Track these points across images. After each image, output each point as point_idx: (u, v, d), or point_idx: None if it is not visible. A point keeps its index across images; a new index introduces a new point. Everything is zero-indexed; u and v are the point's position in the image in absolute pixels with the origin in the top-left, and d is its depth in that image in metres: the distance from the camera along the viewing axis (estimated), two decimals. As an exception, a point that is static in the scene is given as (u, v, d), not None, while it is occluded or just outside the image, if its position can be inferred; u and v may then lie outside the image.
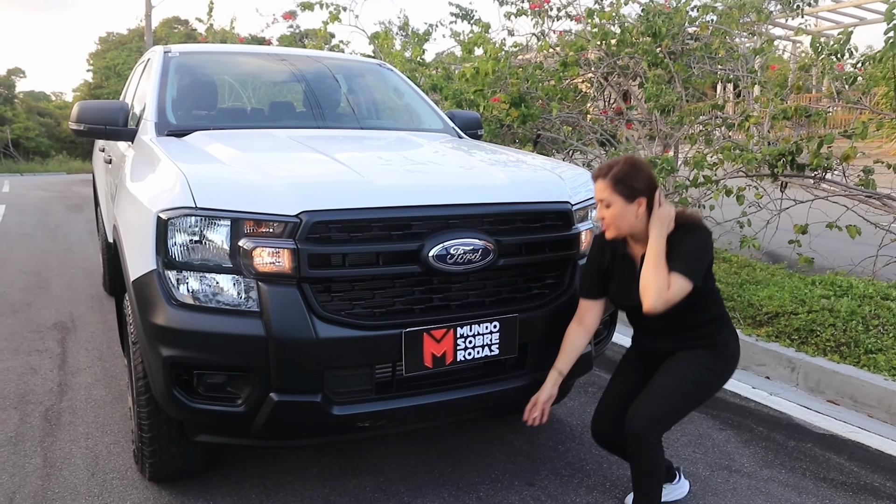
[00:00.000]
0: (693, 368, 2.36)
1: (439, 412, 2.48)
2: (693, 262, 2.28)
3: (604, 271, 2.51)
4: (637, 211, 2.34)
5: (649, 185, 2.36)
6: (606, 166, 2.39)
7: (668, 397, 2.32)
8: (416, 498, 2.68)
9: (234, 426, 2.33)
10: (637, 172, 2.35)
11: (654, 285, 2.26)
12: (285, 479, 2.81)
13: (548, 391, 2.52)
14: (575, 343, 2.53)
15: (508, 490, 2.75)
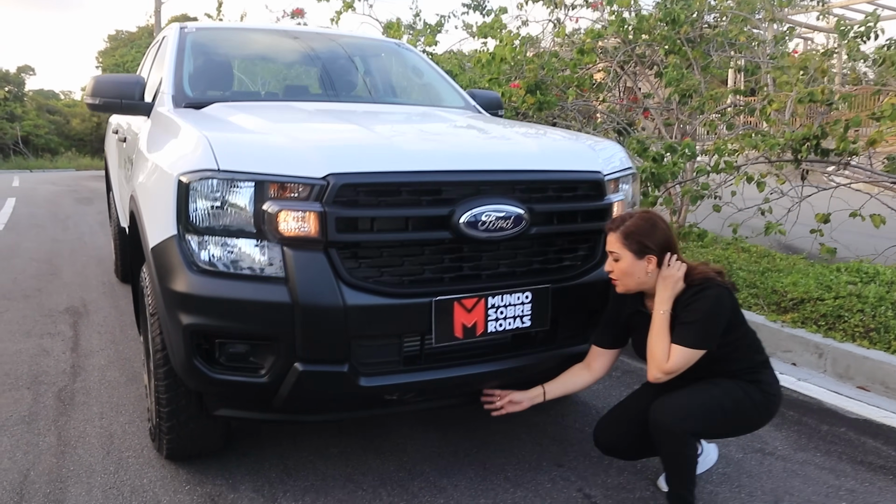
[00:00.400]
0: (729, 383, 2.23)
1: (468, 386, 2.40)
2: (700, 328, 2.15)
3: (619, 323, 2.42)
4: (647, 268, 2.24)
5: (663, 244, 2.25)
6: (619, 219, 2.29)
7: (697, 394, 2.19)
8: (441, 478, 2.60)
9: (256, 398, 2.25)
10: (651, 228, 2.25)
11: (654, 356, 2.18)
12: (306, 458, 2.73)
13: (523, 397, 2.46)
14: (575, 380, 2.48)
15: (537, 471, 2.66)
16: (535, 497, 2.48)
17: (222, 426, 2.56)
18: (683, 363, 2.13)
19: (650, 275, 2.24)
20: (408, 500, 2.44)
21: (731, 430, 2.28)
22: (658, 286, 2.22)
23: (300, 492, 2.48)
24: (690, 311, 2.15)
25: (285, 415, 2.33)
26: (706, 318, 2.15)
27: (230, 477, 2.57)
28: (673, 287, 2.20)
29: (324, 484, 2.54)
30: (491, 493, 2.50)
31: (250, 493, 2.47)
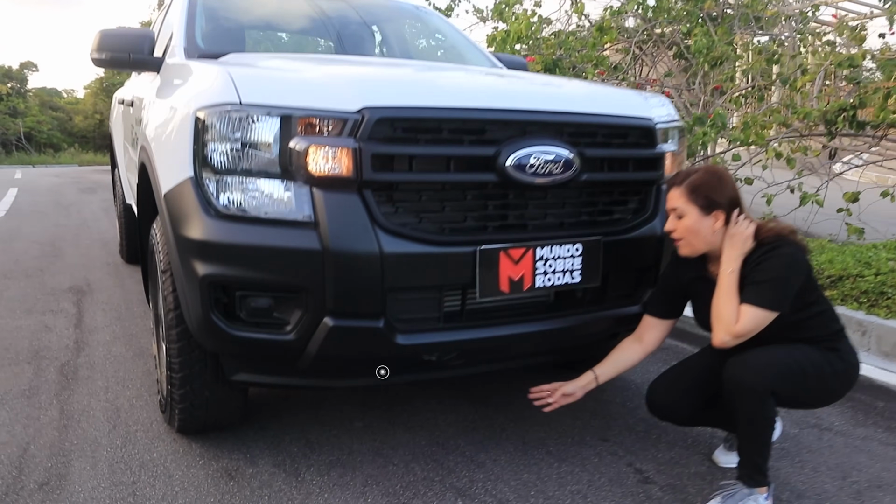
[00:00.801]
0: (807, 348, 1.99)
1: (513, 348, 2.18)
2: (772, 288, 1.92)
3: (679, 290, 2.20)
4: (713, 226, 2.02)
5: (731, 200, 2.03)
6: (683, 173, 2.07)
7: (778, 352, 1.97)
8: (478, 452, 2.38)
9: (280, 360, 2.04)
10: (718, 183, 2.03)
11: (721, 318, 1.95)
12: (329, 432, 2.52)
13: (574, 387, 2.24)
14: (626, 356, 2.26)
15: (581, 445, 2.45)
16: (583, 472, 2.27)
17: (239, 396, 2.35)
18: (754, 325, 1.91)
19: (717, 233, 2.02)
20: (444, 476, 2.23)
21: (810, 397, 2.06)
22: (725, 245, 2.01)
23: (325, 466, 2.27)
24: (762, 271, 1.93)
25: (311, 380, 2.12)
26: (780, 277, 1.93)
27: (248, 451, 2.36)
28: (742, 245, 1.98)
29: (350, 458, 2.33)
30: (534, 467, 2.29)
31: (270, 467, 2.26)
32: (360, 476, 2.21)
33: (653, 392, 2.28)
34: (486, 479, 2.20)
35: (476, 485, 2.17)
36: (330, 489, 2.14)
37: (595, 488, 2.17)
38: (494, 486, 2.17)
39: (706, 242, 2.04)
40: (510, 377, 3.08)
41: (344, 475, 2.22)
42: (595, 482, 2.20)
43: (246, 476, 2.21)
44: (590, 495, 2.13)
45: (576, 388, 2.23)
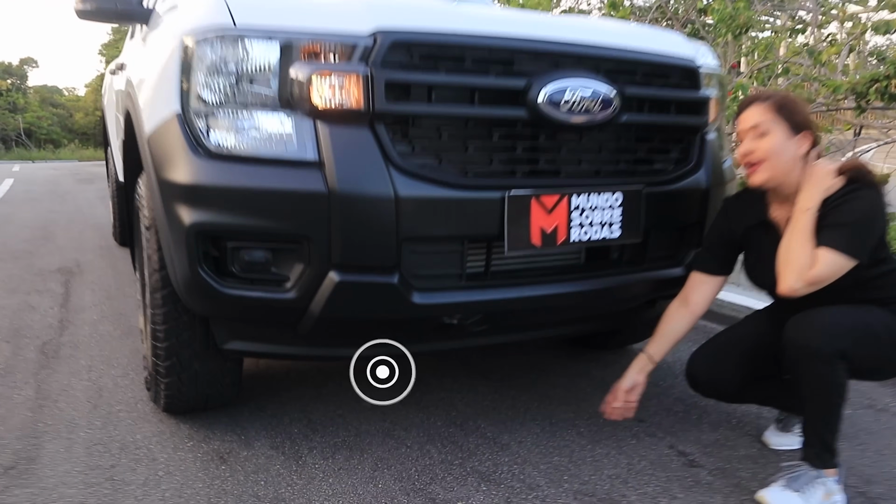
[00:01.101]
0: (879, 310, 1.74)
1: (543, 312, 1.93)
2: (853, 232, 1.67)
3: (731, 242, 1.94)
4: (797, 151, 1.75)
5: (814, 127, 1.79)
6: (764, 93, 1.82)
7: (846, 312, 1.72)
8: (501, 433, 2.13)
9: (279, 323, 1.78)
10: (803, 107, 1.78)
11: (793, 261, 1.68)
12: (334, 412, 2.26)
13: (631, 378, 2.01)
14: (675, 325, 2.00)
15: (614, 426, 2.19)
16: (620, 455, 2.01)
17: (233, 369, 2.09)
18: (830, 272, 1.65)
19: (797, 163, 1.76)
20: (464, 459, 1.97)
21: (883, 365, 1.80)
22: (805, 180, 1.75)
23: (329, 448, 2.02)
24: (843, 213, 1.67)
25: (314, 348, 1.87)
26: (862, 221, 1.67)
27: (242, 432, 2.10)
28: (822, 182, 1.72)
29: (358, 440, 2.07)
30: (565, 449, 2.03)
31: (267, 449, 2.00)
32: (368, 459, 1.96)
33: (695, 365, 2.02)
34: (512, 463, 1.95)
35: (501, 468, 1.92)
36: (335, 473, 1.88)
37: (636, 472, 1.91)
38: (522, 469, 1.91)
39: (785, 170, 1.76)
40: (531, 355, 2.83)
41: (351, 458, 1.96)
42: (635, 466, 1.95)
43: (240, 459, 1.95)
44: (630, 480, 1.88)
45: (633, 379, 2.00)
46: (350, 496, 1.77)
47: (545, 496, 1.78)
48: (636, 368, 1.99)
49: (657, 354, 1.99)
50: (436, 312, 1.71)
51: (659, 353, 2.00)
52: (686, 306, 1.99)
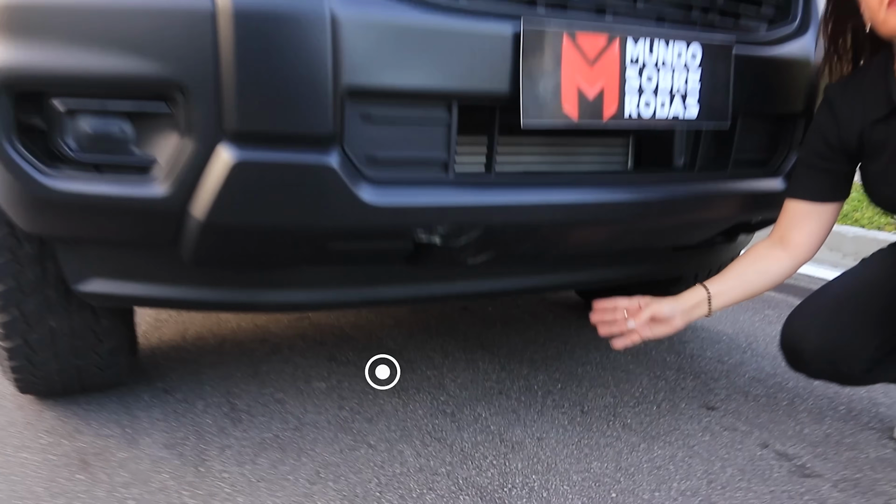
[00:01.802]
0: None
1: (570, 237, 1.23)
2: None
3: (847, 147, 1.26)
4: None
5: None
6: None
7: None
8: (511, 426, 1.45)
9: (148, 244, 1.09)
10: None
11: None
12: (270, 396, 1.58)
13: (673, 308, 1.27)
14: (760, 267, 1.31)
15: (675, 415, 1.50)
16: (692, 458, 1.33)
17: (115, 331, 1.41)
18: None
19: None
20: (454, 464, 1.29)
21: None
22: None
23: (251, 449, 1.34)
24: None
25: (212, 289, 1.18)
26: None
27: (130, 424, 1.43)
28: None
29: (296, 436, 1.39)
30: (608, 451, 1.35)
31: (158, 449, 1.33)
32: (307, 465, 1.27)
33: (799, 333, 1.32)
34: (528, 471, 1.26)
35: (511, 479, 1.23)
36: (249, 487, 1.19)
37: (721, 485, 1.23)
38: (544, 481, 1.23)
39: None
40: (548, 323, 2.15)
41: (280, 463, 1.28)
42: (718, 475, 1.26)
43: (110, 464, 1.27)
44: (715, 497, 1.18)
45: (675, 309, 1.28)
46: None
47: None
48: (686, 302, 1.28)
49: (720, 299, 1.29)
50: (402, 220, 1.02)
51: (724, 298, 1.30)
52: (782, 247, 1.31)
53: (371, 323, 2.11)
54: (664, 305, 1.26)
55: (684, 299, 1.29)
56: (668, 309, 1.26)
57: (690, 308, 1.29)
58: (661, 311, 1.26)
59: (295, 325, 2.08)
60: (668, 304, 1.27)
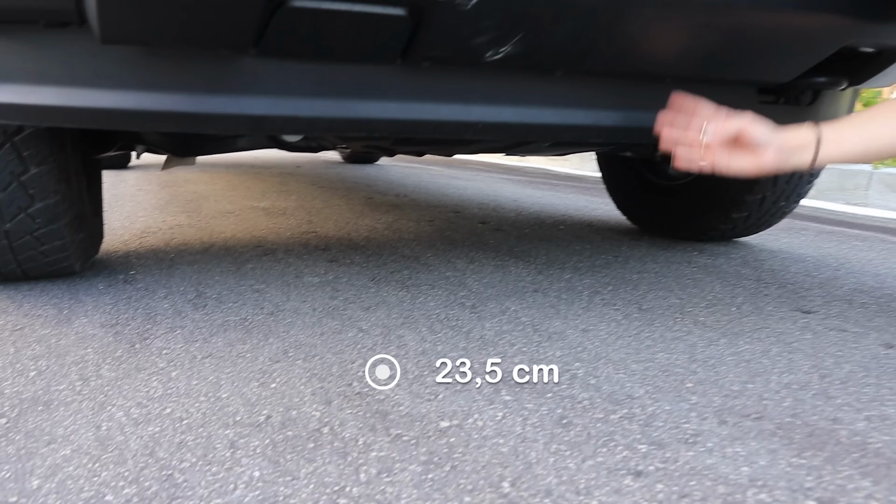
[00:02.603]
0: None
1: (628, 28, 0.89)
2: None
3: None
4: None
5: None
6: None
7: None
8: (549, 319, 1.12)
9: (44, 7, 0.79)
10: None
11: None
12: (249, 286, 1.27)
13: (769, 136, 0.91)
14: None
15: (760, 315, 1.17)
16: (792, 352, 0.98)
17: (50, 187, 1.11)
18: None
19: None
20: (468, 351, 0.95)
21: None
22: None
23: (205, 330, 1.03)
24: None
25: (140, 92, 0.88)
26: None
27: (69, 304, 1.14)
28: None
29: (272, 321, 1.08)
30: (678, 343, 1.01)
31: (93, 328, 1.02)
32: (274, 345, 0.97)
33: None
34: (570, 358, 0.94)
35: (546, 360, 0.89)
36: (192, 362, 0.89)
37: (841, 381, 0.87)
38: (591, 368, 0.90)
39: None
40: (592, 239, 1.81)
41: (240, 342, 0.96)
42: (833, 371, 0.92)
43: (26, 339, 0.98)
44: (833, 390, 0.83)
45: (771, 139, 0.91)
46: (203, 399, 0.78)
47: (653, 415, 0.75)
48: (787, 138, 0.92)
49: (834, 146, 0.92)
50: None
51: (839, 146, 0.92)
52: None
53: (385, 237, 1.80)
54: (758, 127, 0.91)
55: (786, 134, 0.93)
56: (762, 133, 0.91)
57: (791, 146, 0.93)
58: (752, 132, 0.90)
59: (298, 237, 1.77)
60: (763, 128, 0.91)
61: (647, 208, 1.96)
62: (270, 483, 0.62)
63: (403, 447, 0.69)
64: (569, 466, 0.66)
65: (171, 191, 2.80)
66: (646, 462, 0.66)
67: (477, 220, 2.15)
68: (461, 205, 2.53)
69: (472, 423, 0.74)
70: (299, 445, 0.69)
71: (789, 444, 0.71)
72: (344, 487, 0.62)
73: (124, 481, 0.62)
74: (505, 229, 1.97)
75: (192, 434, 0.71)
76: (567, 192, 3.10)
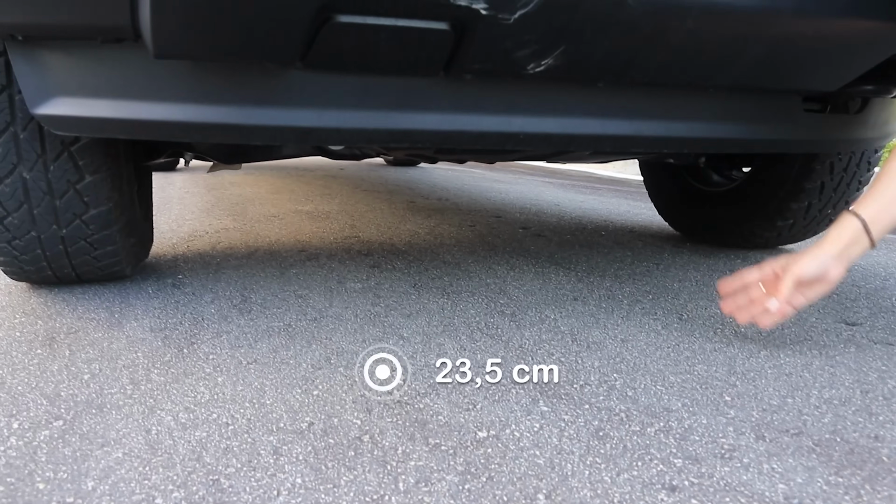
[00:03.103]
0: None
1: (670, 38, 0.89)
2: None
3: None
4: None
5: None
6: None
7: None
8: (588, 328, 1.12)
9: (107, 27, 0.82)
10: None
11: None
12: (293, 291, 1.30)
13: (823, 261, 0.95)
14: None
15: (803, 326, 1.16)
16: (834, 366, 0.98)
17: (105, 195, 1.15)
18: None
19: None
20: (506, 360, 0.96)
21: None
22: None
23: (250, 336, 1.06)
24: None
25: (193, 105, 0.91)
26: None
27: (120, 309, 1.19)
28: None
29: (315, 327, 1.11)
30: (718, 355, 1.01)
31: (143, 332, 1.06)
32: (317, 351, 0.99)
33: None
34: (608, 369, 0.95)
35: (584, 376, 0.92)
36: (238, 367, 0.92)
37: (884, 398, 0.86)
38: (629, 380, 0.91)
39: None
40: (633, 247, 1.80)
41: (284, 348, 0.99)
42: (877, 386, 0.91)
43: (80, 342, 1.01)
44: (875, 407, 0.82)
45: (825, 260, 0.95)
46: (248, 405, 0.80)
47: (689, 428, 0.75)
48: (837, 243, 0.95)
49: (881, 221, 0.93)
50: None
51: (885, 217, 0.93)
52: None
53: (427, 242, 1.82)
54: (807, 262, 0.93)
55: (833, 240, 0.94)
56: (814, 266, 0.92)
57: (846, 247, 0.94)
58: (806, 271, 0.92)
59: (341, 242, 1.80)
60: (811, 259, 0.94)
61: (690, 215, 1.94)
62: (312, 490, 0.64)
63: (441, 457, 0.70)
64: (604, 479, 0.66)
65: (216, 193, 2.86)
66: (681, 477, 0.67)
67: (518, 224, 2.16)
68: (503, 209, 2.53)
69: (510, 434, 0.75)
70: (340, 453, 0.71)
71: (828, 461, 0.70)
72: (383, 496, 0.63)
73: (173, 485, 0.65)
74: (546, 235, 1.97)
75: (238, 440, 0.73)
76: (609, 196, 3.08)
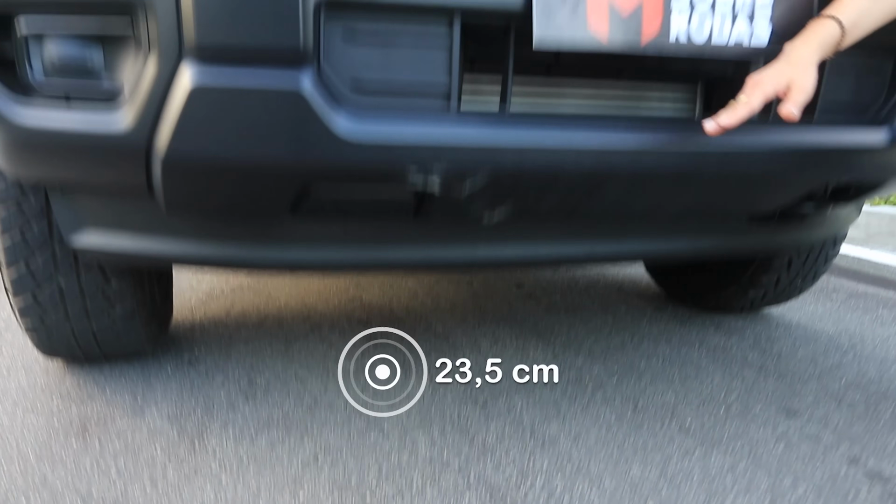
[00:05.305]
0: None
1: (609, 189, 1.04)
2: None
3: None
4: None
5: None
6: None
7: None
8: (547, 420, 1.28)
9: (125, 185, 0.99)
10: None
11: None
12: (293, 372, 1.46)
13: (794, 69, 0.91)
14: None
15: (745, 418, 1.30)
16: (757, 467, 1.12)
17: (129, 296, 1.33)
18: None
19: None
20: (468, 460, 1.13)
21: None
22: None
23: (253, 426, 1.22)
24: None
25: (202, 242, 1.07)
26: None
27: (144, 393, 1.35)
28: None
29: (306, 416, 1.27)
30: (656, 454, 1.15)
31: (161, 420, 1.23)
32: (307, 447, 1.15)
33: None
34: (554, 470, 1.09)
35: (531, 479, 1.07)
36: (239, 466, 1.08)
37: (797, 502, 1.00)
38: (569, 483, 1.05)
39: None
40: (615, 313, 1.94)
41: (279, 444, 1.16)
42: (786, 493, 1.05)
43: (108, 433, 1.19)
44: (781, 518, 0.96)
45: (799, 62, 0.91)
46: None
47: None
48: (811, 41, 0.93)
49: (854, 19, 0.93)
50: (387, 158, 0.86)
51: (855, 19, 0.94)
52: None
53: (424, 305, 1.97)
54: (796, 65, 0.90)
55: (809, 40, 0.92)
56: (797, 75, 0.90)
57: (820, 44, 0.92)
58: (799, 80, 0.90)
59: (344, 305, 1.96)
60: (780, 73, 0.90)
61: (673, 280, 2.08)
62: None
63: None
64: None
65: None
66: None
67: (514, 282, 2.30)
68: (502, 261, 2.68)
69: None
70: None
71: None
72: None
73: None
74: (537, 296, 2.11)
75: (231, 545, 0.89)
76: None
